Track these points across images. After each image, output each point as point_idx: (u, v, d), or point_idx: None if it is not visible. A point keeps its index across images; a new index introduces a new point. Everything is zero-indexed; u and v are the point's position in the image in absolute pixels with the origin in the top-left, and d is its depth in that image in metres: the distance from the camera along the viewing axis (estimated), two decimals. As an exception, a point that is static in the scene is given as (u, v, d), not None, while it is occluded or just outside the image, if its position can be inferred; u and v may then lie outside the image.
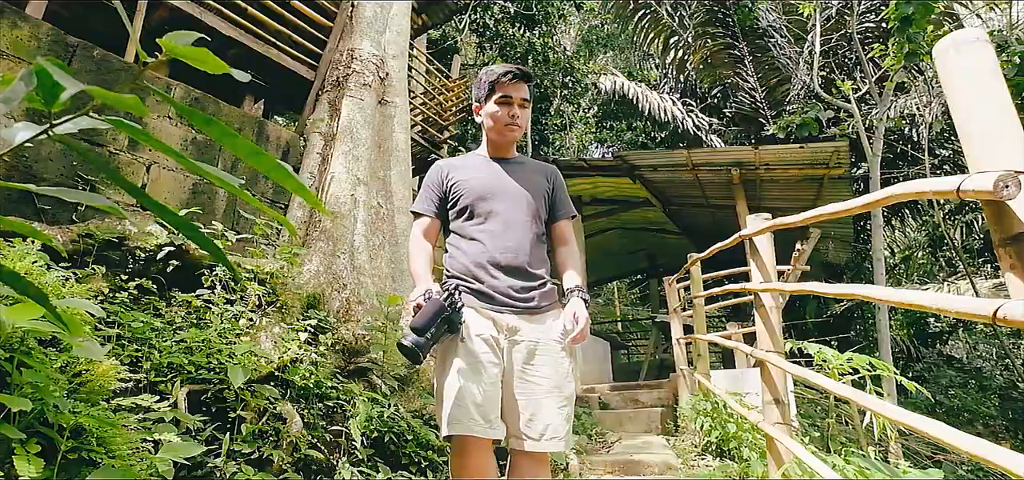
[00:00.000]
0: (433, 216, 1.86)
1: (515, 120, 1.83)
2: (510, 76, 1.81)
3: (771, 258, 3.23)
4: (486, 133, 1.91)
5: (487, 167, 1.88)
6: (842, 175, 6.85)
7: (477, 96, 1.91)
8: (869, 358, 3.18)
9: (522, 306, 1.73)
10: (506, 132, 1.85)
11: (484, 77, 1.86)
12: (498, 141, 1.89)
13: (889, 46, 8.76)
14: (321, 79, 5.08)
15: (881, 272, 8.93)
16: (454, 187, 1.83)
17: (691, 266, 5.30)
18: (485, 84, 1.85)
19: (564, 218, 1.94)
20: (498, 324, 1.70)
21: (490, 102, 1.84)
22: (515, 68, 1.83)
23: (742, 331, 6.67)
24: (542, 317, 1.76)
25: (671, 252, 10.71)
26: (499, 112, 1.82)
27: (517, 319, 1.72)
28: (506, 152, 1.93)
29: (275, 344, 2.77)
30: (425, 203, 1.87)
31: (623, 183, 7.99)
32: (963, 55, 1.36)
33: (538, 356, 1.70)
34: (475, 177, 1.84)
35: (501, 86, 1.81)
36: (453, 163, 1.92)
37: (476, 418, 1.56)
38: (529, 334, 1.71)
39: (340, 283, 3.60)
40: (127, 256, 2.99)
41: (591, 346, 7.88)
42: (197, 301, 2.82)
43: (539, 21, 11.79)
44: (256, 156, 0.67)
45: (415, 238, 1.84)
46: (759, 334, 3.15)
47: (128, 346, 2.44)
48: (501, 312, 1.71)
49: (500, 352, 1.69)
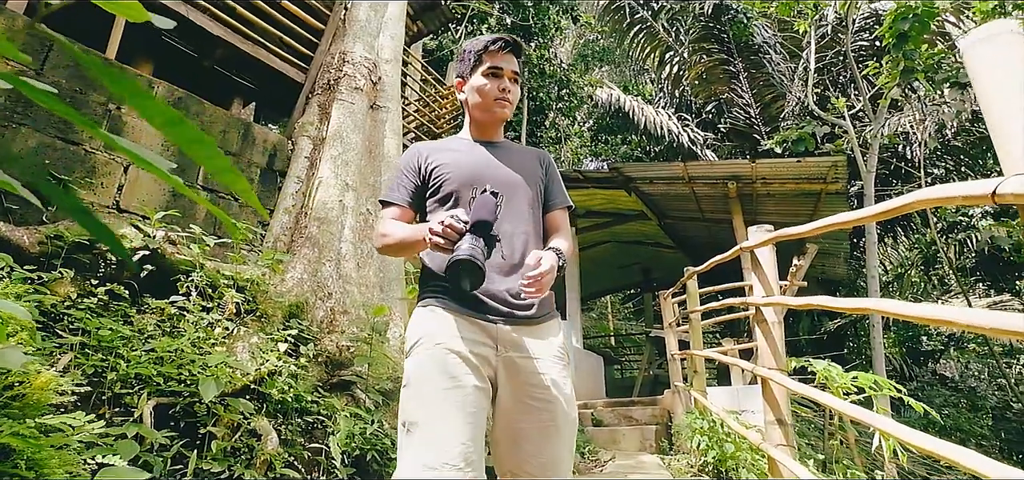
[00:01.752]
0: (406, 206, 1.54)
1: (506, 95, 1.56)
2: (500, 45, 1.56)
3: (773, 271, 3.12)
4: (470, 112, 1.63)
5: (473, 150, 1.60)
6: (839, 190, 6.79)
7: (460, 71, 1.64)
8: (874, 377, 3.06)
9: (520, 315, 1.44)
10: (495, 108, 1.57)
11: (469, 47, 1.61)
12: (484, 120, 1.61)
13: (883, 64, 8.79)
14: (311, 82, 4.95)
15: (876, 289, 8.87)
16: (435, 171, 1.53)
17: (687, 280, 5.18)
18: (470, 55, 1.59)
19: (559, 208, 1.66)
20: (488, 337, 1.41)
21: (476, 74, 1.58)
22: (505, 36, 1.58)
23: (738, 346, 6.55)
24: (541, 328, 1.48)
25: (666, 266, 10.61)
26: (487, 85, 1.56)
27: (512, 331, 1.42)
28: (493, 134, 1.65)
29: (252, 355, 2.61)
30: (397, 190, 1.55)
31: (618, 196, 7.89)
32: (995, 49, 1.26)
33: (538, 376, 1.42)
34: (460, 160, 1.55)
35: (490, 55, 1.56)
36: (433, 145, 1.62)
37: (455, 460, 1.24)
38: (527, 349, 1.43)
39: (325, 292, 3.45)
40: (98, 259, 2.84)
41: (584, 361, 7.73)
42: (170, 308, 2.66)
43: (535, 33, 11.75)
44: (196, 144, 0.53)
45: (386, 224, 1.50)
46: (761, 351, 3.03)
47: (92, 356, 2.28)
48: (493, 322, 1.41)
49: (491, 372, 1.39)
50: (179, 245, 3.00)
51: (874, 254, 9.16)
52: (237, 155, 4.22)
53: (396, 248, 1.47)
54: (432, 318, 1.41)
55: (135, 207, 3.40)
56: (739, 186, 7.07)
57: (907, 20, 8.07)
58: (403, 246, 1.46)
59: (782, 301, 2.87)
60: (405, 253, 1.50)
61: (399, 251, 1.48)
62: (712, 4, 12.32)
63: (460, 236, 1.27)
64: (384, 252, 1.51)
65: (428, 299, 1.45)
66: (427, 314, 1.42)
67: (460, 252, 1.22)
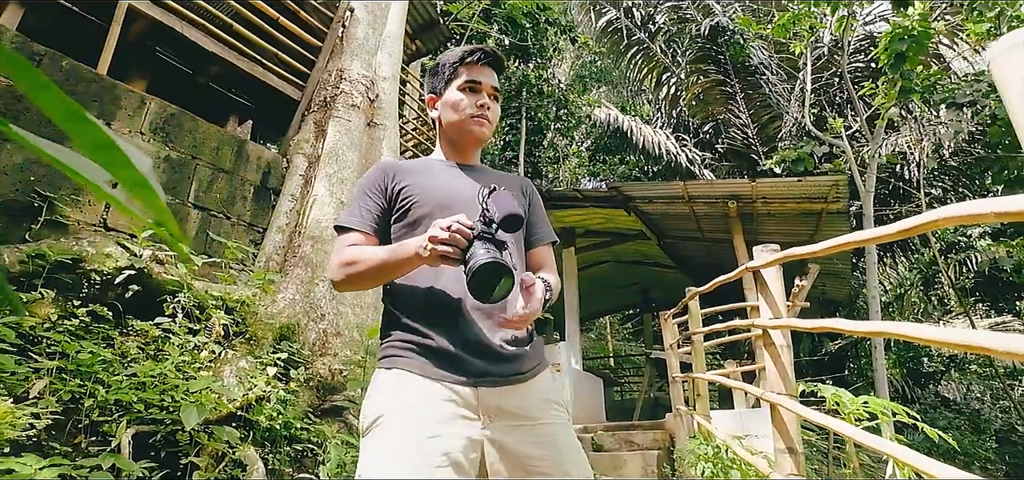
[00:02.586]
0: (371, 231, 1.27)
1: (484, 112, 1.35)
2: (478, 57, 1.37)
3: (781, 292, 3.03)
4: (443, 131, 1.42)
5: (447, 171, 1.37)
6: (841, 210, 6.73)
7: (432, 86, 1.43)
8: (886, 402, 2.95)
9: (509, 371, 1.18)
10: (471, 127, 1.35)
11: (444, 60, 1.41)
12: (459, 140, 1.39)
13: (879, 85, 8.82)
14: (308, 99, 4.89)
15: (877, 309, 8.79)
16: (404, 193, 1.29)
17: (689, 301, 5.08)
18: (445, 68, 1.39)
19: (543, 243, 1.42)
20: (469, 408, 1.13)
21: (451, 88, 1.37)
22: (484, 47, 1.39)
23: (740, 369, 6.43)
24: (532, 385, 1.22)
25: (666, 286, 10.51)
26: (463, 101, 1.35)
27: (500, 394, 1.16)
28: (468, 156, 1.43)
29: (240, 380, 2.50)
30: (361, 213, 1.29)
31: (617, 215, 7.82)
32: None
33: (536, 445, 1.16)
34: (433, 182, 1.32)
35: (467, 68, 1.36)
36: (401, 165, 1.39)
37: None
38: (518, 414, 1.16)
39: (318, 313, 3.34)
40: (82, 279, 2.73)
41: (584, 383, 7.59)
42: (155, 331, 2.55)
43: (534, 54, 11.80)
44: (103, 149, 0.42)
45: (348, 251, 1.23)
46: (769, 375, 2.92)
47: (70, 381, 2.16)
48: (474, 385, 1.14)
49: (476, 455, 1.11)
50: (167, 264, 2.89)
51: (874, 274, 9.10)
52: (230, 172, 4.14)
53: (369, 275, 1.19)
54: (399, 386, 1.13)
55: (123, 225, 3.30)
56: (739, 205, 7.01)
57: (904, 41, 8.12)
58: (381, 271, 1.18)
59: (792, 324, 2.77)
60: (381, 280, 1.22)
61: (374, 278, 1.20)
62: (709, 26, 12.41)
63: (470, 243, 1.05)
64: (349, 284, 1.21)
65: (393, 356, 1.17)
66: (392, 381, 1.15)
67: (479, 258, 1.00)
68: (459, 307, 1.19)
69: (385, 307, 1.28)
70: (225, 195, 3.98)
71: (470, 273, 1.01)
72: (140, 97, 3.75)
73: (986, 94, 9.36)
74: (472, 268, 1.00)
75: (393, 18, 5.60)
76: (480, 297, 1.03)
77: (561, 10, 12.81)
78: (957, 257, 12.63)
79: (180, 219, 3.67)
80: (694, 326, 5.06)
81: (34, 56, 3.25)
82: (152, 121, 3.73)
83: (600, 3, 14.17)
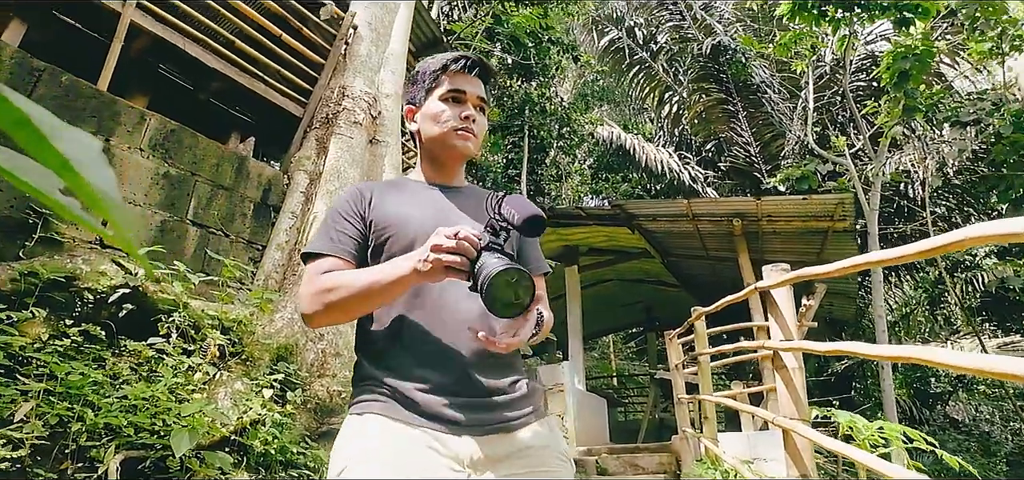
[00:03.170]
0: (348, 259, 1.10)
1: (469, 124, 1.19)
2: (463, 64, 1.21)
3: (791, 313, 2.95)
4: (423, 147, 1.25)
5: (427, 195, 1.21)
6: (847, 228, 6.66)
7: (411, 96, 1.27)
8: (903, 428, 2.85)
9: (499, 418, 1.05)
10: (454, 142, 1.19)
11: (424, 67, 1.25)
12: (442, 157, 1.22)
13: (882, 104, 8.81)
14: (310, 116, 4.87)
15: (883, 329, 8.66)
16: (379, 221, 1.13)
17: (695, 321, 4.99)
18: (425, 76, 1.23)
19: (536, 275, 1.22)
20: (454, 460, 1.00)
21: (432, 99, 1.21)
22: (469, 55, 1.23)
23: (747, 390, 6.31)
24: (529, 432, 1.08)
25: (670, 305, 10.41)
26: (446, 112, 1.19)
27: (490, 442, 1.03)
28: (451, 175, 1.26)
29: (234, 402, 2.42)
30: (337, 239, 1.12)
31: (621, 233, 7.76)
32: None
33: None
34: (411, 209, 1.15)
35: (450, 76, 1.20)
36: (378, 187, 1.22)
37: None
38: (512, 461, 1.04)
39: (316, 333, 3.26)
40: (75, 298, 2.67)
41: (588, 403, 7.46)
42: (148, 351, 2.48)
43: (536, 73, 11.84)
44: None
45: (323, 279, 1.06)
46: (781, 399, 2.83)
47: (58, 404, 2.09)
48: (459, 432, 1.01)
49: None
50: (163, 283, 2.83)
51: (880, 294, 8.99)
52: (230, 189, 4.09)
53: (352, 304, 1.02)
54: (371, 435, 0.99)
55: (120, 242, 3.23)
56: (744, 224, 6.95)
57: (907, 59, 8.11)
58: (367, 296, 1.01)
59: (804, 346, 2.69)
60: (366, 308, 1.05)
61: (358, 306, 1.03)
62: (710, 45, 12.46)
63: (478, 254, 0.93)
64: (327, 315, 1.03)
65: (365, 400, 1.03)
66: (362, 429, 1.00)
67: (493, 266, 0.88)
68: (442, 343, 1.05)
69: (357, 343, 1.14)
70: (224, 212, 3.93)
71: (486, 282, 0.88)
72: (140, 113, 3.72)
73: (990, 112, 9.34)
74: (488, 277, 0.88)
75: (396, 36, 5.60)
76: (499, 309, 0.91)
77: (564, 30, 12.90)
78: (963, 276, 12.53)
79: (178, 236, 3.62)
80: (701, 347, 4.96)
81: (33, 72, 3.22)
82: (152, 137, 3.70)
83: (602, 23, 14.27)
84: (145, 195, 3.54)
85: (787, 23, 9.19)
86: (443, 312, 1.07)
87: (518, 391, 1.10)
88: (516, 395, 1.08)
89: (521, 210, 0.97)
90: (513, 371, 1.12)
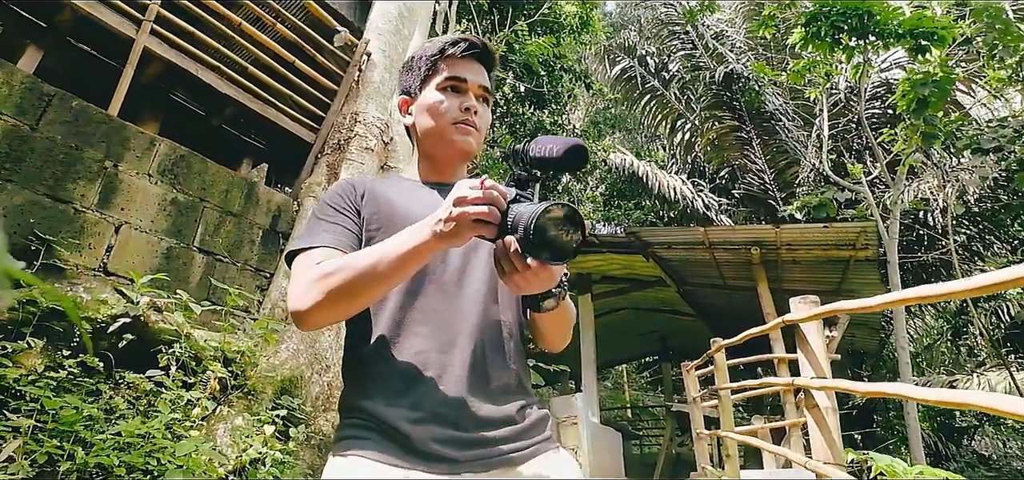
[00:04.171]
0: (343, 252, 0.93)
1: (470, 117, 1.05)
2: (462, 48, 1.06)
3: (822, 349, 2.78)
4: (419, 143, 1.11)
5: (422, 194, 1.06)
6: (870, 257, 6.46)
7: (406, 86, 1.12)
8: (947, 473, 2.65)
9: (496, 456, 0.90)
10: (453, 136, 1.04)
11: (421, 53, 1.10)
12: (439, 153, 1.08)
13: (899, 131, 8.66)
14: (321, 142, 4.82)
15: (906, 361, 8.35)
16: (370, 218, 1.00)
17: (715, 353, 4.80)
18: (422, 62, 1.09)
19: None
20: None
21: (429, 88, 1.07)
22: (469, 37, 1.09)
23: (769, 425, 6.06)
24: (535, 465, 0.94)
25: (685, 334, 10.18)
26: (444, 103, 1.05)
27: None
28: (450, 175, 1.10)
29: (234, 439, 2.29)
30: (332, 231, 0.96)
31: (635, 261, 7.60)
32: None
33: None
34: (405, 210, 0.99)
35: (449, 62, 1.06)
36: (371, 184, 1.07)
37: None
38: None
39: (323, 364, 3.14)
40: (74, 328, 2.57)
41: (602, 437, 7.22)
42: (146, 384, 2.37)
43: (549, 100, 11.85)
44: None
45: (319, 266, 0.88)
46: (814, 443, 2.65)
47: (47, 441, 1.97)
48: (456, 470, 0.87)
49: None
50: (165, 312, 2.73)
51: (902, 324, 8.70)
52: (239, 215, 4.03)
53: (356, 287, 0.84)
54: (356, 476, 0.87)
55: (124, 270, 3.17)
56: (763, 252, 6.77)
57: (926, 86, 7.98)
58: (373, 276, 0.83)
59: (840, 386, 2.51)
60: (372, 292, 0.86)
61: (362, 290, 0.85)
62: (722, 73, 12.43)
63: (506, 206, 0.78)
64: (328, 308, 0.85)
65: (349, 438, 0.89)
66: (345, 470, 0.87)
67: (534, 209, 0.73)
68: (438, 361, 0.91)
69: (343, 364, 1.00)
70: (233, 239, 3.86)
71: (532, 221, 0.72)
72: (150, 138, 3.68)
73: (1011, 139, 9.15)
74: (534, 215, 0.72)
75: (409, 62, 5.59)
76: (549, 254, 0.74)
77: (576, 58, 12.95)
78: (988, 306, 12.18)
79: (184, 264, 3.54)
80: (721, 380, 4.76)
81: (44, 97, 3.20)
82: (161, 163, 3.65)
83: (614, 52, 14.33)
84: (152, 221, 3.47)
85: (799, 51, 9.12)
86: (439, 323, 0.93)
87: (527, 419, 0.94)
88: (524, 424, 0.93)
89: (558, 143, 0.82)
90: (521, 394, 0.97)
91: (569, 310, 1.01)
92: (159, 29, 3.93)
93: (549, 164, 0.82)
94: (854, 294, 7.38)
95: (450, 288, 0.96)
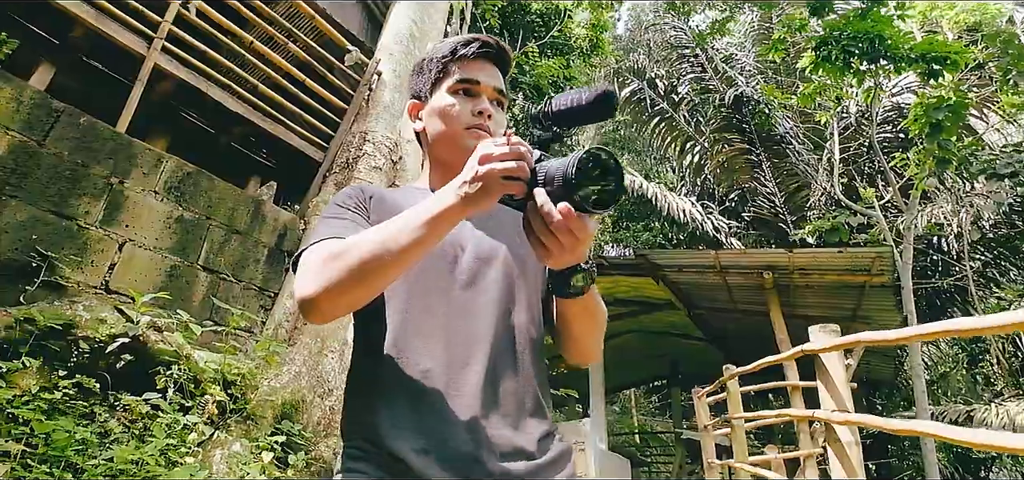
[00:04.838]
0: None
1: (483, 121, 0.98)
2: (474, 48, 1.00)
3: (843, 381, 2.67)
4: (430, 149, 1.04)
5: None
6: (885, 283, 6.32)
7: (416, 89, 1.05)
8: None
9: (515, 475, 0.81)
10: (466, 142, 0.96)
11: (432, 54, 1.04)
12: (451, 161, 0.97)
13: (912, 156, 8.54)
14: (330, 160, 4.80)
15: (922, 390, 8.13)
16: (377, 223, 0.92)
17: (727, 380, 4.67)
18: (433, 64, 1.02)
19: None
20: None
21: (440, 91, 1.01)
22: (483, 37, 1.01)
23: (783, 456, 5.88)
24: None
25: (695, 359, 10.00)
26: (456, 107, 0.98)
27: None
28: None
29: (230, 467, 2.20)
30: (338, 227, 0.87)
31: (645, 284, 7.49)
32: None
33: None
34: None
35: (462, 64, 1.00)
36: (380, 193, 1.00)
37: None
38: None
39: (325, 387, 3.06)
40: (71, 347, 2.51)
41: (610, 464, 7.05)
42: (142, 407, 2.30)
43: (557, 121, 11.85)
44: None
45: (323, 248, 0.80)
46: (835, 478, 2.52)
47: (36, 467, 1.90)
48: None
49: None
50: (165, 332, 2.67)
51: (918, 352, 8.49)
52: (244, 234, 3.98)
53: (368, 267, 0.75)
54: None
55: (126, 287, 3.12)
56: (776, 276, 6.64)
57: (940, 110, 7.89)
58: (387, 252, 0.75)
59: (864, 421, 2.40)
60: (392, 269, 0.76)
61: (381, 268, 0.75)
62: (732, 95, 12.40)
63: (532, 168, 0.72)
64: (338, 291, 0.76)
65: (351, 470, 0.82)
66: None
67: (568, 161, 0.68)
68: (449, 382, 0.83)
69: (347, 381, 0.93)
70: (237, 257, 3.81)
71: (573, 167, 0.67)
72: (157, 155, 3.66)
73: (1032, 164, 9.00)
74: (575, 161, 0.67)
75: (418, 82, 5.58)
76: (594, 200, 0.69)
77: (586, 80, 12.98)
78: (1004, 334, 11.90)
79: (187, 282, 3.49)
80: (734, 409, 4.62)
81: (53, 113, 3.19)
82: (167, 180, 3.62)
83: (624, 75, 14.35)
84: (156, 239, 3.44)
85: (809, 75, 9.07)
86: (450, 338, 0.85)
87: (546, 455, 0.85)
88: (543, 461, 0.84)
89: (583, 92, 0.76)
90: (540, 415, 0.88)
91: (600, 307, 0.95)
92: (170, 47, 3.93)
93: (576, 114, 0.77)
94: (869, 321, 7.22)
95: (461, 299, 0.89)
